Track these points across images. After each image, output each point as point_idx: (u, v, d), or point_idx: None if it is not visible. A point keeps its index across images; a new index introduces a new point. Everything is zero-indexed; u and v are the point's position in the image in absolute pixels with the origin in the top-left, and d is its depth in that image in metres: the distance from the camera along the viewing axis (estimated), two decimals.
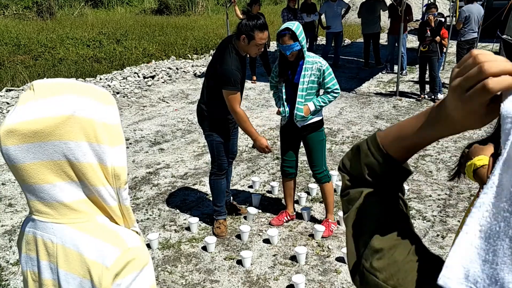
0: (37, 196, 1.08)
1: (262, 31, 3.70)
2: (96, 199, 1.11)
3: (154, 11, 21.58)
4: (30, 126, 1.01)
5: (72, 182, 1.08)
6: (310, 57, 3.83)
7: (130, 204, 1.17)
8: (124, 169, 1.11)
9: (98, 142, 1.06)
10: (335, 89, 3.87)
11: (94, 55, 11.86)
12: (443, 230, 4.19)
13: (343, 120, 7.53)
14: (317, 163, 4.07)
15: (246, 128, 3.84)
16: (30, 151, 1.03)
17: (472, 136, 6.62)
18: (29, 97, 1.04)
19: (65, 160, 1.05)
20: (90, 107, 1.06)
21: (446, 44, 8.31)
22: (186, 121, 7.64)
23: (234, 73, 3.68)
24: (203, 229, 4.33)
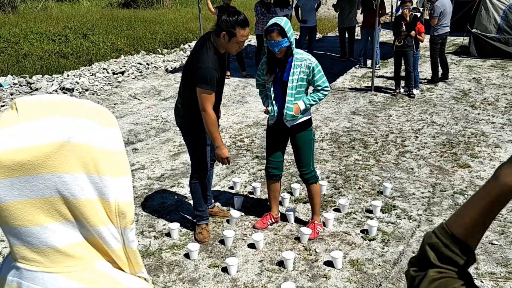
0: (23, 241, 0.87)
1: (243, 28, 3.52)
2: (96, 241, 0.91)
3: (120, 5, 21.05)
4: (14, 157, 0.81)
5: (67, 223, 0.88)
6: (299, 53, 3.67)
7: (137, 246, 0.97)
8: (130, 204, 0.91)
9: (99, 174, 0.87)
10: (325, 87, 3.74)
11: (60, 50, 11.43)
12: (429, 230, 4.11)
13: (321, 116, 7.43)
14: (305, 163, 3.94)
15: (212, 132, 3.65)
16: (15, 187, 0.83)
17: (450, 131, 6.61)
18: (12, 119, 0.83)
19: (58, 197, 0.85)
20: (88, 131, 0.87)
21: (422, 39, 8.29)
22: (160, 119, 7.39)
23: (211, 71, 3.50)
24: (184, 234, 4.14)
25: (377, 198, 4.69)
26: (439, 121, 7.10)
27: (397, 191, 4.85)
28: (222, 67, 3.68)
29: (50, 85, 8.62)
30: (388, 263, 3.67)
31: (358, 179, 5.13)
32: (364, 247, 3.88)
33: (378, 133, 6.62)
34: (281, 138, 3.97)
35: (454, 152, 5.85)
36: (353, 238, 4.02)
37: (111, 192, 0.89)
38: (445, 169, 5.37)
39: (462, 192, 4.78)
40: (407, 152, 5.91)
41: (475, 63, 11.22)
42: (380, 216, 4.35)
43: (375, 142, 6.27)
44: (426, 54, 11.71)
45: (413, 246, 3.88)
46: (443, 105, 7.95)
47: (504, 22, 11.20)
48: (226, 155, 3.73)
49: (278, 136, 3.95)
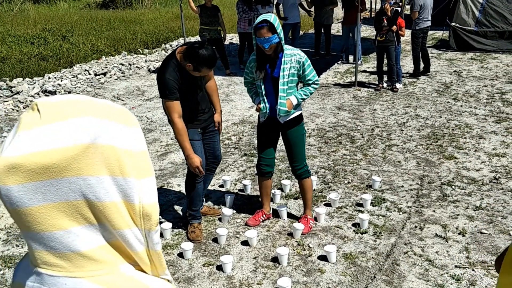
0: (45, 246, 0.85)
1: (210, 69, 3.56)
2: (118, 243, 0.89)
3: (99, 5, 20.83)
4: (40, 160, 0.78)
5: (90, 226, 0.86)
6: (288, 49, 3.68)
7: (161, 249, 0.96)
8: (155, 206, 0.89)
9: (124, 175, 0.85)
10: (315, 81, 3.77)
11: (39, 53, 11.26)
12: (420, 222, 4.17)
13: (306, 112, 7.45)
14: (297, 158, 3.95)
15: (180, 141, 3.65)
16: (39, 191, 0.80)
17: (434, 123, 6.70)
18: (34, 121, 0.81)
19: (82, 200, 0.83)
20: (113, 132, 0.85)
21: (403, 34, 8.37)
22: (145, 119, 7.34)
23: (167, 81, 3.51)
24: (176, 234, 4.12)
25: (367, 191, 4.73)
26: (423, 114, 7.19)
27: (386, 184, 4.90)
28: (189, 79, 3.64)
29: (31, 88, 8.49)
30: (381, 255, 3.70)
31: (347, 174, 5.17)
32: (356, 241, 3.91)
33: (364, 127, 6.67)
34: (273, 135, 3.97)
35: (440, 144, 5.93)
36: (345, 232, 4.05)
37: (136, 194, 0.87)
38: (431, 161, 5.44)
39: (449, 183, 4.84)
40: (393, 145, 5.97)
41: (455, 56, 11.37)
42: (370, 209, 4.39)
43: (361, 136, 6.32)
44: (407, 48, 11.84)
45: (405, 237, 3.93)
46: (426, 98, 8.05)
47: (482, 16, 11.38)
48: (196, 165, 3.67)
49: (270, 133, 3.96)
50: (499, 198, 4.52)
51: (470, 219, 4.18)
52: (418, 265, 3.57)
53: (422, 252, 3.73)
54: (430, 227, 4.08)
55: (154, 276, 0.95)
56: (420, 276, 3.44)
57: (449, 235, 3.95)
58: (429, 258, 3.64)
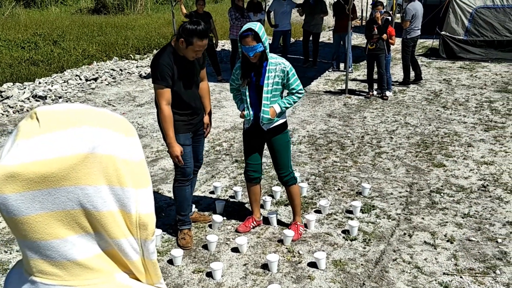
0: (41, 254, 0.85)
1: (201, 39, 3.56)
2: (114, 252, 0.89)
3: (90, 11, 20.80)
4: (38, 169, 0.78)
5: (86, 235, 0.86)
6: (273, 58, 3.73)
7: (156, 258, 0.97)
8: (152, 216, 0.89)
9: (121, 185, 0.85)
10: (299, 90, 3.81)
11: (30, 58, 11.21)
12: (409, 229, 4.20)
13: (297, 119, 7.49)
14: (283, 165, 3.98)
15: (164, 128, 3.68)
16: (37, 199, 0.80)
17: (423, 131, 6.76)
18: (33, 129, 0.81)
19: (80, 209, 0.83)
20: (112, 141, 0.85)
21: (393, 42, 8.45)
22: (136, 125, 7.33)
23: (161, 67, 3.56)
24: (166, 241, 4.12)
25: (357, 198, 4.76)
26: (412, 122, 7.25)
27: (375, 191, 4.93)
28: (185, 65, 3.70)
29: (22, 93, 8.45)
30: (370, 262, 3.73)
31: (337, 181, 5.20)
32: (346, 247, 3.93)
33: (354, 134, 6.72)
34: (258, 141, 4.01)
35: (429, 151, 5.98)
36: (335, 238, 4.07)
37: (133, 204, 0.87)
38: (420, 168, 5.48)
39: (438, 191, 4.88)
40: (383, 152, 6.01)
41: (445, 64, 11.49)
42: (360, 216, 4.42)
43: (351, 143, 6.36)
44: (397, 56, 11.94)
45: (394, 244, 3.95)
46: (415, 106, 8.12)
47: (471, 25, 11.52)
48: (176, 153, 3.71)
49: (255, 139, 3.99)
50: (487, 206, 4.56)
51: (458, 226, 4.22)
52: (407, 272, 3.60)
53: (411, 259, 3.76)
54: (419, 234, 4.11)
55: (149, 285, 0.96)
56: (409, 283, 3.47)
57: (437, 242, 3.98)
58: (417, 265, 3.67)
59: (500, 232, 4.11)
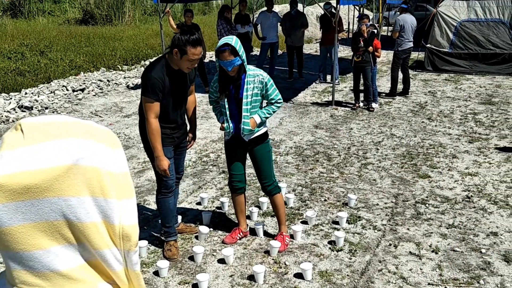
0: (24, 265, 0.86)
1: (194, 47, 3.54)
2: (97, 263, 0.90)
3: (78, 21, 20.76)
4: (22, 180, 0.79)
5: (70, 246, 0.87)
6: (251, 70, 3.78)
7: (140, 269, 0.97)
8: (135, 228, 0.91)
9: (105, 196, 0.86)
10: (278, 100, 3.87)
11: (16, 68, 11.15)
12: (394, 239, 4.24)
13: (284, 130, 7.53)
14: (266, 175, 4.00)
15: (152, 141, 3.65)
16: (20, 210, 0.81)
17: (409, 143, 6.83)
18: (18, 141, 0.82)
19: (63, 220, 0.84)
20: (95, 153, 0.86)
21: (379, 55, 8.55)
22: (123, 136, 7.31)
23: (153, 80, 3.55)
24: (152, 252, 4.10)
25: (343, 209, 4.79)
26: (398, 133, 7.32)
27: (361, 202, 4.96)
28: (176, 80, 3.69)
29: (7, 103, 8.40)
30: (356, 273, 3.74)
31: (324, 191, 5.23)
32: (332, 258, 3.95)
33: (341, 146, 6.76)
34: (240, 151, 4.03)
35: (414, 163, 6.04)
36: (321, 249, 4.09)
37: (116, 215, 0.88)
38: (406, 179, 5.53)
39: (423, 202, 4.93)
40: (369, 164, 6.05)
41: (430, 77, 11.64)
42: (346, 227, 4.44)
43: (338, 154, 6.40)
44: (383, 68, 12.08)
45: (379, 255, 3.98)
46: (401, 118, 8.20)
47: (456, 38, 11.70)
48: (164, 167, 3.70)
49: (237, 150, 4.01)
50: (471, 217, 4.62)
51: (443, 237, 4.26)
52: (392, 282, 3.62)
53: (396, 269, 3.78)
54: (404, 245, 4.14)
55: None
56: None
57: (422, 252, 4.01)
58: (403, 276, 3.69)
59: (484, 243, 4.15)
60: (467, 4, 11.72)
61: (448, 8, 11.79)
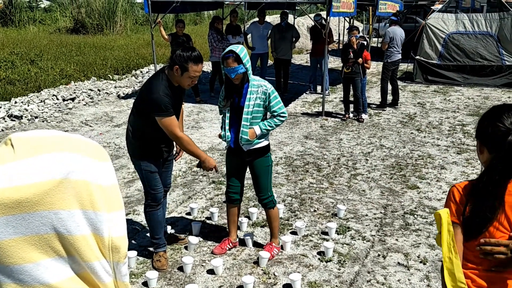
0: (14, 279, 0.86)
1: (196, 64, 3.56)
2: (87, 275, 0.92)
3: (69, 30, 20.76)
4: (13, 195, 0.80)
5: (60, 258, 0.88)
6: (256, 80, 3.78)
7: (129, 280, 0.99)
8: (124, 239, 0.92)
9: (94, 209, 0.88)
10: (281, 113, 3.84)
11: (6, 77, 11.11)
12: (383, 250, 4.26)
13: (275, 140, 7.56)
14: (262, 188, 4.01)
15: (192, 151, 3.71)
16: (10, 224, 0.82)
17: (398, 154, 6.88)
18: (8, 156, 0.83)
19: (53, 233, 0.86)
20: (85, 167, 0.88)
21: (368, 66, 8.63)
22: (113, 146, 7.30)
23: (162, 98, 3.54)
24: (141, 263, 4.09)
25: (332, 220, 4.81)
26: (387, 144, 7.38)
27: (350, 213, 4.99)
28: (176, 97, 3.72)
29: None
30: (345, 283, 3.76)
31: (313, 202, 5.25)
32: (321, 269, 3.96)
33: (330, 156, 6.80)
34: (240, 162, 4.03)
35: (403, 174, 6.09)
36: (310, 260, 4.10)
37: (105, 227, 0.90)
38: (395, 190, 5.57)
39: (412, 213, 4.97)
40: (358, 174, 6.09)
41: (419, 88, 11.76)
42: (335, 238, 4.46)
43: (327, 165, 6.44)
44: (373, 80, 12.18)
45: (368, 266, 4.00)
46: (390, 129, 8.27)
47: (444, 50, 11.85)
48: (213, 165, 3.80)
49: (236, 160, 4.01)
50: None
51: (431, 247, 4.29)
52: None
53: (385, 280, 3.80)
54: (392, 256, 4.16)
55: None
56: None
57: (410, 263, 4.04)
58: (391, 286, 3.71)
59: None
60: (456, 17, 11.88)
61: (437, 20, 11.95)
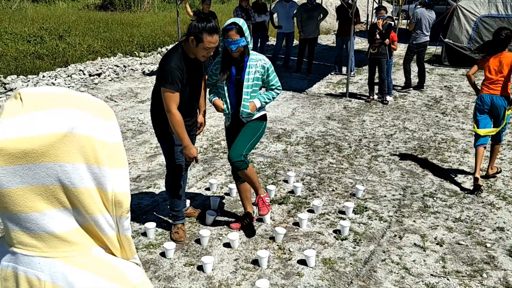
0: (21, 226, 0.91)
1: (211, 35, 3.51)
2: (91, 227, 0.96)
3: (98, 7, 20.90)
4: (20, 145, 0.85)
5: (65, 210, 0.92)
6: (254, 54, 3.83)
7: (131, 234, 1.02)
8: (126, 195, 0.96)
9: (98, 164, 0.91)
10: (278, 86, 3.94)
11: (35, 51, 11.30)
12: (399, 231, 4.25)
13: (296, 120, 7.55)
14: (239, 147, 3.83)
15: (178, 132, 3.64)
16: (17, 174, 0.87)
17: (421, 136, 6.81)
18: (17, 109, 0.88)
19: (58, 185, 0.89)
20: (90, 123, 0.91)
21: (395, 47, 8.50)
22: (137, 121, 7.40)
23: (172, 70, 3.54)
24: (160, 234, 4.18)
25: (350, 200, 4.81)
26: (411, 127, 7.30)
27: (369, 193, 4.98)
28: (193, 69, 3.70)
29: (25, 85, 8.54)
30: (359, 261, 3.78)
31: (332, 182, 5.25)
32: (336, 247, 3.99)
33: (352, 137, 6.77)
34: None
35: (425, 156, 6.03)
36: (325, 237, 4.13)
37: (109, 182, 0.93)
38: (415, 172, 5.53)
39: (431, 195, 4.93)
40: (379, 156, 6.06)
41: (447, 71, 11.53)
42: (352, 217, 4.47)
43: (348, 146, 6.41)
44: (400, 62, 11.98)
45: (384, 245, 4.00)
46: (415, 111, 8.16)
47: (475, 33, 11.55)
48: (194, 155, 3.74)
49: (236, 134, 3.99)
50: (479, 211, 4.61)
51: (449, 230, 4.27)
52: (394, 272, 3.65)
53: (400, 260, 3.81)
54: (409, 237, 4.16)
55: (123, 259, 1.01)
56: (396, 283, 3.52)
57: (427, 245, 4.03)
58: (406, 266, 3.72)
59: (489, 237, 4.15)
60: (488, 0, 11.54)
61: (468, 2, 11.63)
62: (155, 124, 3.94)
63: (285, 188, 5.08)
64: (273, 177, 5.33)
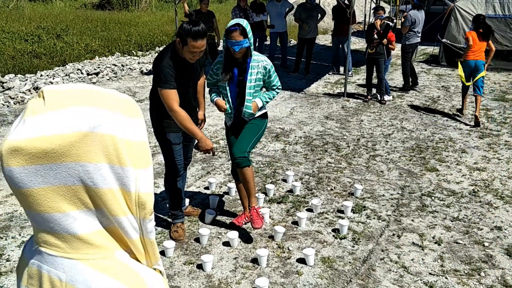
0: (46, 226, 0.91)
1: (195, 40, 3.44)
2: (115, 230, 0.94)
3: (95, 6, 20.89)
4: (40, 144, 0.84)
5: (88, 211, 0.91)
6: (256, 55, 3.85)
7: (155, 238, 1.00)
8: (150, 196, 0.94)
9: (121, 164, 0.90)
10: (278, 86, 4.01)
11: (33, 50, 11.29)
12: (398, 230, 4.27)
13: (295, 120, 7.57)
14: (243, 144, 3.86)
15: (188, 128, 3.61)
16: (39, 174, 0.86)
17: (419, 136, 6.83)
18: (39, 107, 0.87)
19: (80, 185, 0.88)
20: (113, 122, 0.89)
21: (393, 47, 8.53)
22: None
23: (163, 68, 3.52)
24: (159, 233, 4.19)
25: (348, 199, 4.83)
26: (408, 126, 7.32)
27: (367, 193, 5.00)
28: (184, 68, 3.68)
29: (23, 84, 8.53)
30: (358, 260, 3.80)
31: (330, 181, 5.27)
32: (335, 245, 4.00)
33: (350, 137, 6.79)
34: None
35: (423, 156, 6.05)
36: (324, 236, 4.14)
37: (132, 183, 0.91)
38: (413, 172, 5.55)
39: (429, 194, 4.95)
40: (377, 155, 6.08)
41: (444, 72, 11.57)
42: (351, 216, 4.49)
43: (347, 146, 6.43)
44: (397, 62, 12.02)
45: (382, 244, 4.02)
46: (413, 111, 8.19)
47: None
48: (210, 146, 3.71)
49: (237, 134, 4.01)
50: (477, 211, 4.64)
51: (447, 229, 4.29)
52: (393, 271, 3.67)
53: (398, 259, 3.83)
54: (407, 236, 4.18)
55: (147, 267, 0.99)
56: (394, 281, 3.54)
57: (425, 243, 4.05)
58: (404, 265, 3.74)
59: (487, 236, 4.18)
60: (486, 0, 11.58)
61: (466, 3, 11.67)
62: (153, 124, 3.95)
63: (284, 187, 5.10)
64: (272, 176, 5.34)
